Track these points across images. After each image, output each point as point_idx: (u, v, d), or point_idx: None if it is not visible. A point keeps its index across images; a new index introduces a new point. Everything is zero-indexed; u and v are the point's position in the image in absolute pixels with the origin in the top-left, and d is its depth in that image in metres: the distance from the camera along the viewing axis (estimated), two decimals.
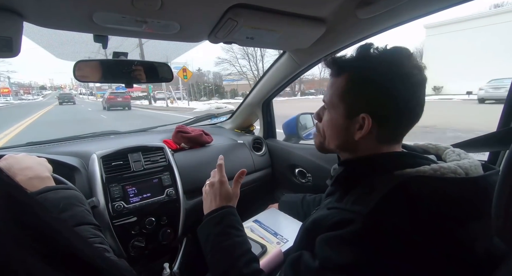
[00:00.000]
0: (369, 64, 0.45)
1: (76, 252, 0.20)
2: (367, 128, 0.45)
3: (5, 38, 0.64)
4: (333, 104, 0.50)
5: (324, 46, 0.93)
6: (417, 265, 0.35)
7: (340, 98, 0.48)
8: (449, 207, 0.37)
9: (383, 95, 0.44)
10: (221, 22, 0.71)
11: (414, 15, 0.71)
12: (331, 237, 0.39)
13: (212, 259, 0.55)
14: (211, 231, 0.58)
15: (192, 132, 1.19)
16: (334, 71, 0.50)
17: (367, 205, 0.38)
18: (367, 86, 0.45)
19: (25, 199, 0.19)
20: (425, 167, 0.41)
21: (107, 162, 0.90)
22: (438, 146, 0.52)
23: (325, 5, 0.70)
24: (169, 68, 0.90)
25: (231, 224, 0.58)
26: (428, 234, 0.35)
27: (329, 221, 0.41)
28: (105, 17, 0.63)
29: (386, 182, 0.40)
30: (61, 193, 0.55)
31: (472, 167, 0.41)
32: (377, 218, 0.36)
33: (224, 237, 0.56)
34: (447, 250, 0.35)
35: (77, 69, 0.77)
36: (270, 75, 1.23)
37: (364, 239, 0.36)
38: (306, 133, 1.35)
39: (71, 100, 24.03)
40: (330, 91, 0.50)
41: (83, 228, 0.52)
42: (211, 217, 0.60)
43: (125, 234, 0.85)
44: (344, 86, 0.48)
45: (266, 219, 0.91)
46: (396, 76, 0.43)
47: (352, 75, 0.47)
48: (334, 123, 0.50)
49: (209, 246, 0.56)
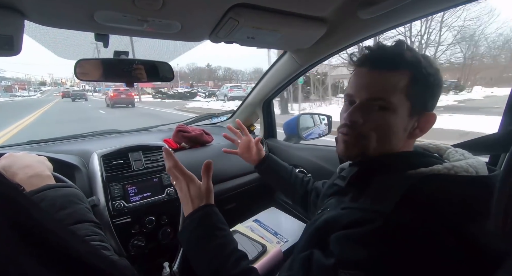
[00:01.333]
0: (423, 62, 0.45)
1: (72, 252, 0.20)
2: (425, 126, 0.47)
3: (6, 36, 0.64)
4: (392, 101, 0.44)
5: (325, 46, 0.93)
6: (436, 264, 0.35)
7: (405, 95, 0.44)
8: (467, 205, 0.37)
9: (438, 95, 0.47)
10: (222, 22, 0.71)
11: (415, 16, 0.71)
12: (349, 235, 0.38)
13: (197, 265, 0.52)
14: (192, 234, 0.54)
15: (193, 132, 1.19)
16: (387, 64, 0.45)
17: (388, 204, 0.38)
18: (429, 85, 0.46)
19: (19, 198, 0.19)
20: (439, 166, 0.41)
21: (107, 160, 0.90)
22: (439, 145, 0.52)
23: (326, 5, 0.70)
24: (170, 67, 0.90)
25: (211, 225, 0.54)
26: (447, 232, 0.35)
27: (345, 220, 0.40)
28: (107, 16, 0.63)
29: (402, 181, 0.40)
30: (61, 191, 0.55)
31: (480, 166, 0.42)
32: (398, 217, 0.36)
33: (206, 240, 0.52)
34: (466, 248, 0.35)
35: (78, 68, 0.77)
36: (270, 75, 1.23)
37: (384, 238, 0.36)
38: (307, 133, 1.35)
39: (83, 97, 25.77)
40: (382, 86, 0.45)
41: (83, 225, 0.52)
42: (190, 220, 0.55)
43: (125, 233, 0.85)
44: (407, 83, 0.44)
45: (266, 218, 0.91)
46: (438, 80, 0.46)
47: (415, 71, 0.44)
48: (395, 122, 0.45)
49: (192, 250, 0.53)
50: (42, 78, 69.45)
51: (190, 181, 0.59)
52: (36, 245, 0.17)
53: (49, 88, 72.37)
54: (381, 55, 0.46)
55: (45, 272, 0.17)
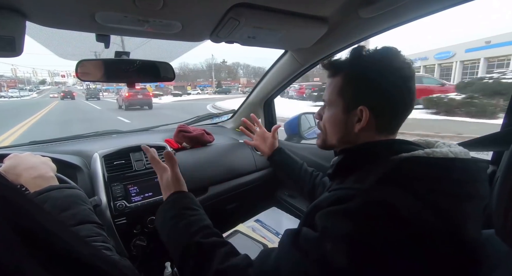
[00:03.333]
0: (362, 62, 0.50)
1: (75, 254, 0.20)
2: (365, 119, 0.49)
3: (8, 37, 0.64)
4: (332, 101, 0.54)
5: (326, 46, 0.93)
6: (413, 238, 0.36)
7: (338, 94, 0.53)
8: (443, 183, 0.39)
9: (378, 89, 0.49)
10: (222, 22, 0.71)
11: (416, 15, 0.71)
12: (332, 211, 0.40)
13: (170, 243, 0.54)
14: (165, 215, 0.56)
15: (194, 132, 1.19)
16: (331, 72, 0.55)
17: (367, 183, 0.41)
18: (362, 82, 0.50)
19: (21, 201, 0.19)
20: (419, 151, 0.43)
21: (109, 161, 0.90)
22: (428, 140, 0.53)
23: (327, 4, 0.70)
24: (171, 67, 0.90)
25: (184, 206, 0.57)
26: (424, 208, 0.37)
27: (329, 199, 0.44)
28: (108, 17, 0.63)
29: (384, 164, 0.43)
30: (64, 192, 0.56)
31: (462, 153, 0.44)
32: (376, 193, 0.39)
33: (178, 218, 0.54)
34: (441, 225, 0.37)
35: (80, 68, 0.77)
36: (271, 75, 1.23)
37: (364, 212, 0.38)
38: (308, 132, 1.35)
39: (97, 96, 26.65)
40: (329, 90, 0.55)
41: (86, 226, 0.52)
42: (162, 205, 0.59)
43: (127, 233, 0.86)
44: (341, 84, 0.53)
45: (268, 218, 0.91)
46: (388, 71, 0.48)
47: (348, 73, 0.52)
48: (334, 118, 0.54)
49: (166, 231, 0.55)
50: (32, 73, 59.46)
51: (163, 172, 0.64)
52: (38, 248, 0.17)
53: (49, 88, 66.83)
54: (327, 65, 0.55)
55: (47, 275, 0.17)
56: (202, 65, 68.46)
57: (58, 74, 53.36)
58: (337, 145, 0.56)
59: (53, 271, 0.17)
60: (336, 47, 0.93)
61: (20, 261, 0.16)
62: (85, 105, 17.53)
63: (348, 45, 0.90)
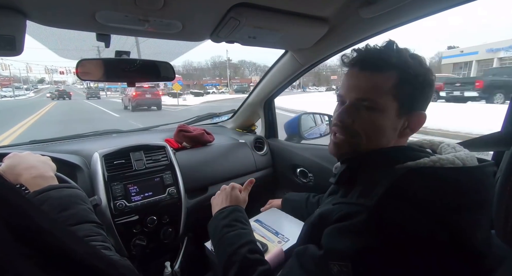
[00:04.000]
0: (411, 64, 0.46)
1: (70, 254, 0.20)
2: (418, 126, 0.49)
3: (8, 37, 0.64)
4: (378, 102, 0.46)
5: (326, 46, 0.93)
6: (420, 254, 0.35)
7: (392, 95, 0.46)
8: (450, 196, 0.38)
9: (429, 94, 0.48)
10: (223, 21, 0.71)
11: (417, 15, 0.71)
12: (338, 228, 0.40)
13: (219, 249, 0.59)
14: (219, 223, 0.62)
15: (194, 132, 1.19)
16: (375, 66, 0.47)
17: (372, 198, 0.38)
18: (419, 84, 0.46)
19: (16, 200, 0.19)
20: (425, 159, 0.42)
21: (109, 160, 0.90)
22: (433, 141, 0.53)
23: (328, 5, 0.69)
24: (171, 67, 0.90)
25: (238, 219, 0.63)
26: (430, 223, 0.36)
27: (335, 214, 0.42)
28: (108, 16, 0.63)
29: (388, 175, 0.40)
30: (64, 192, 0.56)
31: (468, 158, 0.43)
32: (381, 210, 0.37)
33: (230, 228, 0.60)
34: (450, 240, 0.36)
35: (80, 67, 0.77)
36: (272, 75, 1.23)
37: (369, 230, 0.37)
38: (308, 132, 1.35)
39: (97, 95, 26.82)
40: (370, 87, 0.46)
41: (85, 226, 0.52)
42: (220, 211, 0.65)
43: (127, 233, 0.86)
44: (394, 83, 0.46)
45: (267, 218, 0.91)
46: (429, 79, 0.47)
47: (402, 72, 0.46)
48: (383, 121, 0.47)
49: (217, 237, 0.61)
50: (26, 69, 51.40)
51: (234, 187, 0.72)
52: (34, 247, 0.17)
53: (47, 86, 64.41)
54: (369, 57, 0.48)
55: (41, 274, 0.17)
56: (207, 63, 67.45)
57: (56, 71, 46.52)
58: (371, 151, 0.49)
59: (49, 271, 0.17)
60: (336, 48, 0.93)
61: (14, 261, 0.16)
62: (88, 107, 15.50)
63: (348, 45, 0.90)
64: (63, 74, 40.58)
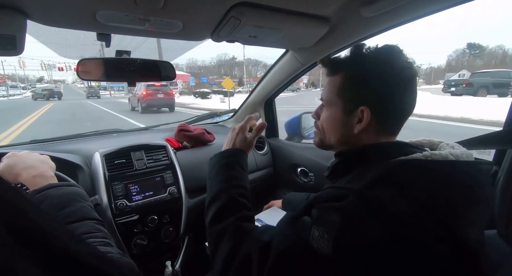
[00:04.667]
0: (363, 61, 0.49)
1: (70, 253, 0.20)
2: (366, 120, 0.48)
3: (9, 36, 0.64)
4: (331, 101, 0.53)
5: (327, 45, 0.93)
6: (404, 242, 0.35)
7: (338, 94, 0.51)
8: (438, 187, 0.38)
9: (379, 89, 0.47)
10: (224, 21, 0.71)
11: (418, 14, 0.70)
12: (326, 205, 0.41)
13: (212, 182, 0.60)
14: (220, 161, 0.64)
15: (194, 131, 1.19)
16: (330, 70, 0.53)
17: (361, 183, 0.40)
18: (363, 82, 0.48)
19: (16, 200, 0.18)
20: (417, 154, 0.43)
21: (110, 160, 0.90)
22: (432, 140, 0.53)
23: (329, 4, 0.69)
24: (172, 66, 0.90)
25: (237, 162, 0.64)
26: (414, 207, 0.36)
27: (325, 196, 0.44)
28: (108, 16, 0.63)
29: (379, 167, 0.42)
30: (63, 190, 0.56)
31: (464, 155, 0.43)
32: (367, 194, 0.38)
33: (228, 168, 0.61)
34: (433, 226, 0.36)
35: (81, 67, 0.77)
36: (272, 74, 1.23)
37: (354, 211, 0.38)
38: (309, 132, 1.35)
39: (97, 95, 26.93)
40: (328, 89, 0.54)
41: (85, 223, 0.52)
42: (222, 152, 0.67)
43: (128, 232, 0.86)
44: (341, 84, 0.51)
45: (268, 218, 0.90)
46: (390, 72, 0.47)
47: (349, 72, 0.50)
48: (333, 118, 0.53)
49: (213, 171, 0.62)
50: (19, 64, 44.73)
51: (242, 130, 0.70)
52: (34, 247, 0.17)
53: (47, 86, 61.12)
54: (327, 63, 0.54)
55: (41, 274, 0.17)
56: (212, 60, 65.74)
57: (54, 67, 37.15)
58: (335, 145, 0.55)
59: (49, 270, 0.17)
60: (337, 47, 0.92)
61: (14, 261, 0.16)
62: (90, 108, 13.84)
63: (349, 44, 0.89)
64: (62, 71, 34.78)
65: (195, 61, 69.33)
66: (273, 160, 1.38)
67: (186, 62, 67.67)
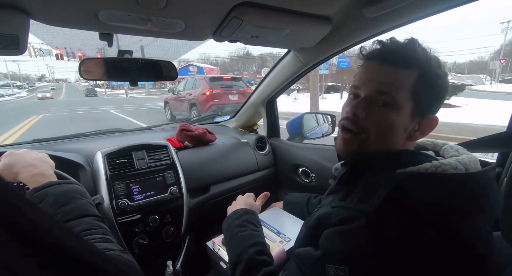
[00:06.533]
0: (433, 65, 0.44)
1: (67, 250, 0.20)
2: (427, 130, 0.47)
3: (12, 36, 0.64)
4: (395, 99, 0.44)
5: (329, 45, 0.92)
6: (419, 261, 0.35)
7: (410, 94, 0.44)
8: (452, 203, 0.37)
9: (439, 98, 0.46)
10: (226, 21, 0.71)
11: (422, 14, 0.70)
12: (336, 231, 0.40)
13: (230, 246, 0.62)
14: (232, 223, 0.66)
15: (196, 131, 1.19)
16: (399, 61, 0.44)
17: (371, 204, 0.38)
18: (437, 87, 0.45)
19: (11, 198, 0.18)
20: (427, 164, 0.41)
21: (111, 159, 0.90)
22: (436, 142, 0.52)
23: (331, 4, 0.69)
24: (174, 66, 0.90)
25: (250, 220, 0.66)
26: (430, 231, 0.36)
27: (334, 218, 0.41)
28: (111, 15, 0.63)
29: (389, 180, 0.39)
30: (63, 187, 0.56)
31: (471, 162, 0.42)
32: (381, 216, 0.37)
33: (242, 229, 0.63)
34: (451, 247, 0.36)
35: (82, 67, 0.78)
36: (274, 74, 1.23)
37: (367, 235, 0.37)
38: (310, 132, 1.34)
39: (94, 93, 27.82)
40: (389, 81, 0.44)
41: (86, 220, 0.52)
42: (233, 213, 0.70)
43: (129, 232, 0.86)
44: (414, 82, 0.43)
45: (269, 218, 0.90)
46: (445, 83, 0.46)
47: (426, 72, 0.43)
48: (394, 122, 0.44)
49: (229, 235, 0.64)
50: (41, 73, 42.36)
51: (249, 195, 0.79)
52: (30, 245, 0.17)
53: (47, 84, 57.05)
54: (393, 50, 0.45)
55: (39, 272, 0.17)
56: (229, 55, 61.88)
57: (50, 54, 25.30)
58: (374, 153, 0.47)
59: (47, 268, 0.17)
60: (339, 47, 0.92)
61: (10, 259, 0.16)
62: None
63: (352, 44, 0.89)
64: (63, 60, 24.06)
65: (208, 57, 66.11)
66: (274, 160, 1.38)
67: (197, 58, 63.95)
